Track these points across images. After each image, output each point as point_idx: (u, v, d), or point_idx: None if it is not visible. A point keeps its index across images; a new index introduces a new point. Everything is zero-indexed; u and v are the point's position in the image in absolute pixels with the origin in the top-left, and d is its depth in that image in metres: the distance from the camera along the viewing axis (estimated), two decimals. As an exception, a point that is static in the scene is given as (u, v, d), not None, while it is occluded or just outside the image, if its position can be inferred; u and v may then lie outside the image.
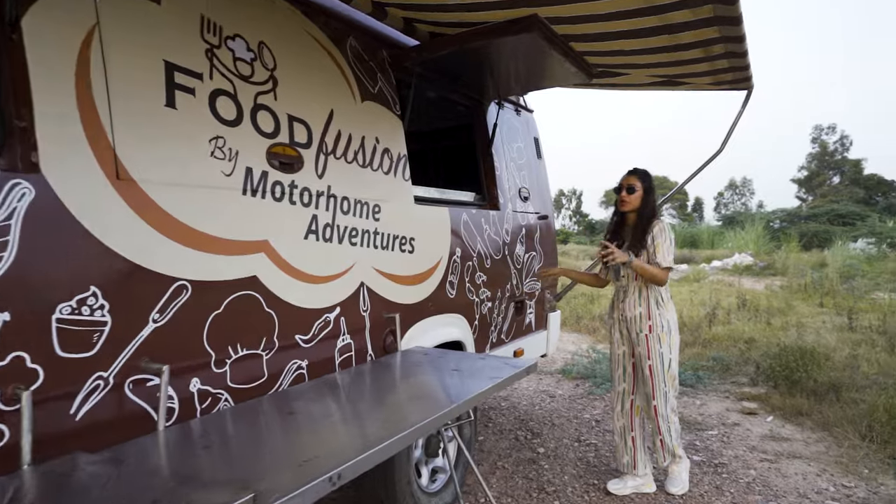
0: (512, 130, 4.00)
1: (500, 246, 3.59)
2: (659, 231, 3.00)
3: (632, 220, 3.12)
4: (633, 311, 3.08)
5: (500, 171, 3.72)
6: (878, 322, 6.53)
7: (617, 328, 3.20)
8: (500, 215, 3.62)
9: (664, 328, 3.06)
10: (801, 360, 4.60)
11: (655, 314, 3.05)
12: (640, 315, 3.06)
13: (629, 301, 3.10)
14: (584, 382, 5.61)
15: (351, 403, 2.03)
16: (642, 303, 3.07)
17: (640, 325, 3.07)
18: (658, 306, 3.08)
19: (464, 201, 3.33)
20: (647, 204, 3.08)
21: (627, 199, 3.07)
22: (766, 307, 8.15)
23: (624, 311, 3.13)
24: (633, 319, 3.09)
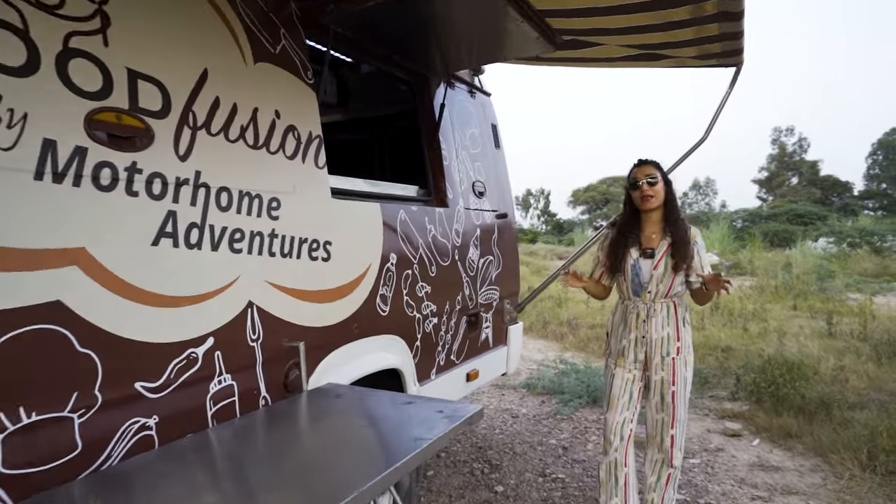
0: (465, 115, 3.42)
1: (449, 249, 3.00)
2: (699, 238, 2.61)
3: (654, 219, 2.63)
4: (660, 331, 2.56)
5: (450, 161, 3.13)
6: (858, 328, 6.19)
7: (632, 351, 2.63)
8: (449, 213, 3.04)
9: (689, 349, 2.62)
10: (788, 374, 4.15)
11: (683, 334, 2.59)
12: (669, 336, 2.56)
13: (656, 321, 2.58)
14: (551, 399, 5.08)
15: (222, 479, 1.42)
16: (671, 322, 2.57)
17: (668, 347, 2.56)
18: (684, 324, 2.61)
19: (402, 196, 2.73)
20: (672, 199, 2.61)
21: (652, 191, 2.56)
22: (741, 311, 7.78)
23: (648, 331, 2.58)
24: (660, 342, 2.57)
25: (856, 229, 22.29)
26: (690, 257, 2.53)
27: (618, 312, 2.76)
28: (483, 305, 3.40)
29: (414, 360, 2.69)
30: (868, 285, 10.45)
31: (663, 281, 2.55)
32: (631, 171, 2.68)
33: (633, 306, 2.65)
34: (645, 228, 2.67)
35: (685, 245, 2.53)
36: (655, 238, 2.62)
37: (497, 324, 3.62)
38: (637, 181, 2.59)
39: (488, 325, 3.50)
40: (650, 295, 2.60)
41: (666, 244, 2.58)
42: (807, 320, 7.32)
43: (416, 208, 2.73)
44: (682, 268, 2.53)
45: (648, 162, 2.64)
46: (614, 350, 2.74)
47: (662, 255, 2.58)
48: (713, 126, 3.14)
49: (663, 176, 2.62)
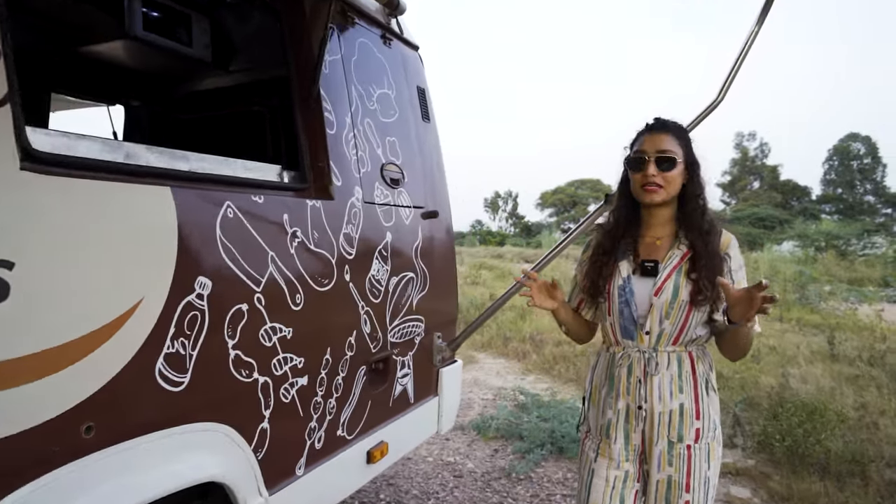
0: (371, 67, 2.35)
1: (333, 265, 1.92)
2: (739, 253, 1.63)
3: (662, 216, 1.65)
4: (667, 401, 1.57)
5: (339, 130, 2.05)
6: (861, 345, 5.34)
7: (621, 430, 1.63)
8: (335, 209, 1.96)
9: (715, 432, 1.61)
10: (808, 421, 3.19)
11: (706, 408, 1.59)
12: (682, 409, 1.57)
13: (660, 382, 1.58)
14: (506, 447, 4.03)
15: None
16: (685, 385, 1.58)
17: (680, 428, 1.57)
18: (708, 390, 1.61)
19: (231, 178, 1.62)
20: (695, 190, 1.62)
21: (662, 178, 1.57)
22: (722, 324, 6.89)
23: (648, 400, 1.59)
24: (667, 418, 1.58)
25: (821, 233, 22.11)
26: (714, 278, 1.50)
27: (600, 364, 1.74)
28: (397, 345, 2.32)
29: (256, 455, 1.59)
30: (850, 293, 9.78)
31: (672, 315, 1.55)
32: (636, 139, 1.66)
33: (622, 356, 1.63)
34: (646, 229, 1.67)
35: (712, 258, 1.53)
36: (661, 245, 1.62)
37: (422, 368, 2.54)
38: (642, 157, 1.58)
39: (406, 372, 2.42)
40: (649, 338, 1.58)
41: (679, 255, 1.59)
42: (798, 336, 6.46)
43: (261, 199, 1.63)
44: (707, 297, 1.51)
45: (665, 126, 1.62)
46: (594, 427, 1.72)
47: (671, 273, 1.58)
48: (732, 83, 2.14)
49: (686, 154, 1.61)
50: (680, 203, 1.63)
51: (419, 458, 3.91)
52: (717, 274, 1.50)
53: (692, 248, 1.57)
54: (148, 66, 2.78)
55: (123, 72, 2.71)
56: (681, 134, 1.63)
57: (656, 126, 1.63)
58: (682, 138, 1.62)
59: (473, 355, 7.02)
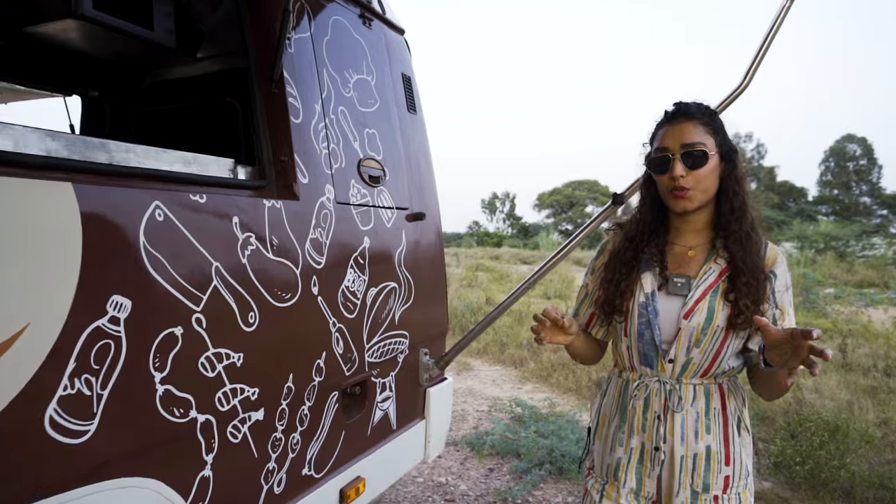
0: (348, 50, 2.07)
1: (297, 276, 1.63)
2: (785, 271, 1.34)
3: (696, 222, 1.37)
4: (694, 442, 1.31)
5: (307, 120, 1.76)
6: (878, 353, 5.07)
7: (632, 473, 1.37)
8: (300, 210, 1.67)
9: (747, 480, 1.35)
10: (830, 441, 2.92)
11: (737, 451, 1.33)
12: (710, 453, 1.31)
13: (683, 420, 1.32)
14: (502, 466, 3.75)
15: None
16: (714, 424, 1.32)
17: (707, 476, 1.31)
18: (739, 430, 1.35)
19: (163, 173, 1.32)
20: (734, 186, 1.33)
21: (692, 179, 1.28)
22: (727, 330, 6.62)
23: (669, 438, 1.32)
24: (691, 462, 1.31)
25: (820, 234, 21.91)
26: (761, 300, 1.26)
27: (610, 392, 1.47)
28: (376, 366, 2.04)
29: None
30: (855, 296, 9.52)
31: (703, 342, 1.30)
32: (655, 132, 1.37)
33: (638, 386, 1.38)
34: (677, 236, 1.39)
35: (756, 274, 1.26)
36: (695, 257, 1.35)
37: (406, 389, 2.26)
38: (666, 156, 1.29)
39: (388, 395, 2.13)
40: (672, 367, 1.33)
41: (717, 270, 1.32)
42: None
43: (203, 199, 1.34)
44: (747, 320, 1.25)
45: (689, 112, 1.32)
46: (599, 464, 1.44)
47: (706, 292, 1.31)
48: (759, 65, 1.87)
49: (721, 142, 1.31)
50: (717, 203, 1.34)
51: (408, 478, 3.63)
52: (761, 293, 1.26)
53: (732, 263, 1.29)
54: (104, 51, 2.49)
55: (77, 58, 2.43)
56: (710, 118, 1.33)
57: (678, 113, 1.32)
58: (713, 123, 1.32)
59: (469, 362, 6.74)
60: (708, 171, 1.27)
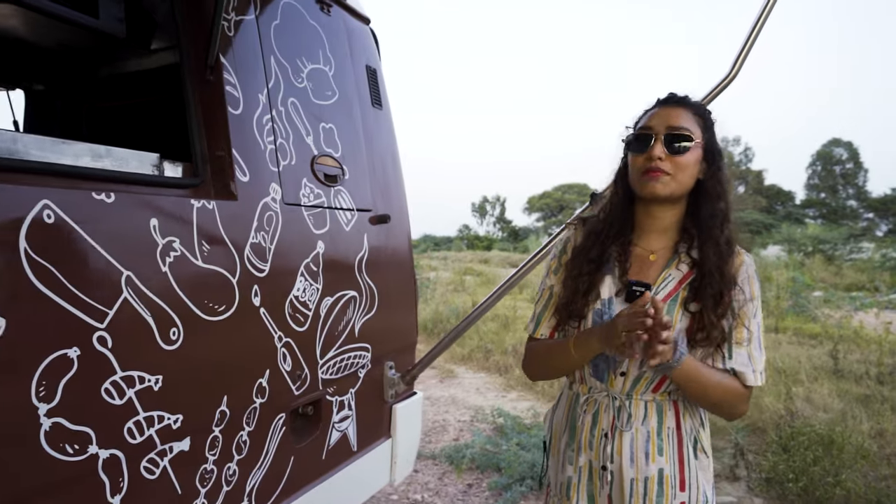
0: (302, 37, 1.89)
1: (231, 286, 1.45)
2: (749, 278, 1.21)
3: (665, 219, 1.26)
4: (644, 464, 1.20)
5: (248, 110, 1.59)
6: (870, 360, 4.94)
7: (583, 491, 1.27)
8: (238, 211, 1.49)
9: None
10: (825, 456, 2.77)
11: (693, 476, 1.21)
12: (662, 477, 1.20)
13: (632, 439, 1.22)
14: (482, 481, 3.57)
15: None
16: (666, 446, 1.21)
17: (660, 501, 1.20)
18: (698, 454, 1.23)
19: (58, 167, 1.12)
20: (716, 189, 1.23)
21: (671, 164, 1.19)
22: (716, 335, 6.48)
23: (617, 458, 1.22)
24: (642, 486, 1.20)
25: (808, 237, 21.98)
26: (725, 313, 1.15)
27: (561, 405, 1.39)
28: (332, 382, 1.86)
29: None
30: (844, 300, 9.44)
31: None
32: (642, 115, 1.27)
33: (587, 400, 1.29)
34: (640, 237, 1.28)
35: (727, 287, 1.15)
36: (656, 261, 1.25)
37: (369, 407, 2.08)
38: (648, 133, 1.20)
39: (347, 414, 1.95)
40: (623, 381, 1.23)
41: (677, 277, 1.22)
42: (797, 348, 6.07)
43: (111, 199, 1.16)
44: (710, 337, 1.15)
45: (683, 101, 1.24)
46: (554, 482, 1.34)
47: (664, 301, 1.21)
48: (747, 55, 1.71)
49: (707, 139, 1.22)
50: (693, 206, 1.22)
51: (382, 495, 3.44)
52: (727, 307, 1.14)
53: (698, 269, 1.18)
54: (47, 41, 2.31)
55: (17, 48, 2.25)
56: (702, 113, 1.24)
57: (671, 99, 1.25)
58: (704, 118, 1.23)
59: (452, 369, 6.57)
60: (689, 161, 1.18)
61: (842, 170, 48.26)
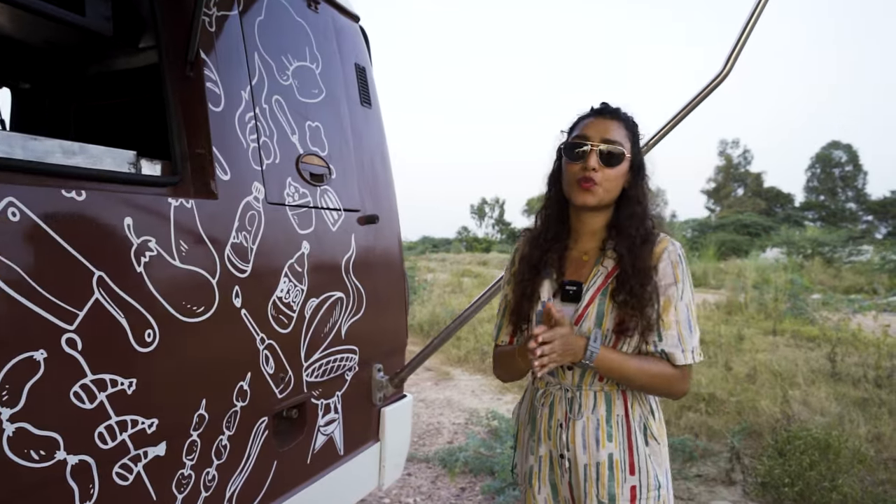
0: (287, 34, 1.86)
1: (211, 287, 1.42)
2: (671, 263, 1.28)
3: (594, 224, 1.35)
4: (596, 450, 1.28)
5: (230, 107, 1.55)
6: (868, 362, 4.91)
7: (545, 480, 1.36)
8: (219, 210, 1.46)
9: (658, 492, 1.28)
10: (821, 460, 2.73)
11: (643, 461, 1.28)
12: (612, 461, 1.28)
13: (584, 427, 1.30)
14: (475, 485, 3.53)
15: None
16: (615, 432, 1.29)
17: (612, 486, 1.27)
18: (647, 438, 1.30)
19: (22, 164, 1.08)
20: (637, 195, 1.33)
21: (601, 175, 1.27)
22: (714, 338, 6.46)
23: (572, 446, 1.30)
24: (594, 471, 1.28)
25: (807, 239, 21.97)
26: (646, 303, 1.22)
27: (525, 400, 1.50)
28: (318, 385, 1.83)
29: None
30: (843, 303, 9.41)
31: None
32: (577, 123, 1.36)
33: (543, 393, 1.39)
34: (575, 240, 1.38)
35: (642, 276, 1.23)
36: (588, 261, 1.34)
37: (356, 410, 2.05)
38: (583, 144, 1.28)
39: (333, 418, 1.92)
40: (572, 375, 1.32)
41: (604, 273, 1.31)
42: (795, 351, 6.04)
43: (82, 196, 1.13)
44: (635, 326, 1.24)
45: (617, 114, 1.33)
46: (520, 472, 1.48)
47: (594, 296, 1.30)
48: (739, 53, 1.68)
49: (634, 153, 1.32)
50: (616, 209, 1.33)
51: (374, 498, 3.41)
52: (646, 300, 1.22)
53: (620, 264, 1.27)
54: (33, 38, 2.28)
55: (2, 46, 2.22)
56: (631, 127, 1.33)
57: (606, 111, 1.33)
58: (633, 132, 1.33)
59: (449, 371, 6.53)
60: (618, 172, 1.27)
61: (841, 172, 48.28)
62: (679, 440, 3.54)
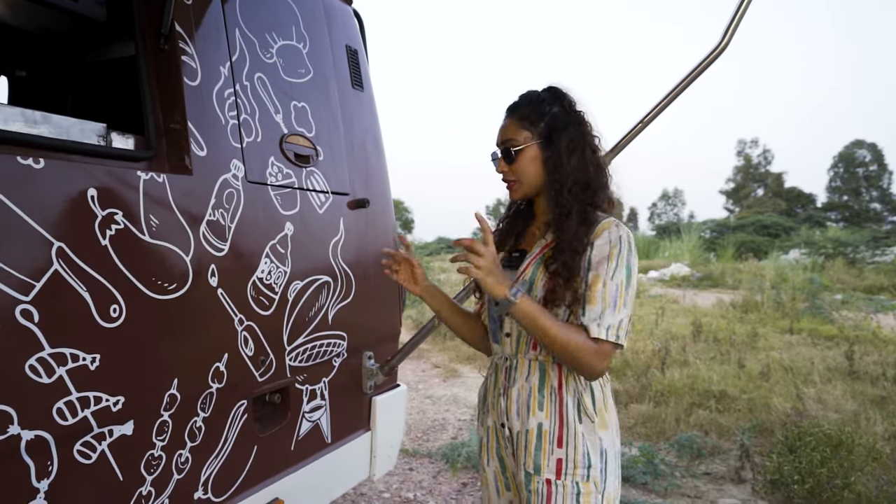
0: (272, 12, 1.82)
1: (185, 263, 1.38)
2: (608, 243, 1.24)
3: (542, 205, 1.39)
4: (527, 417, 1.29)
5: (207, 82, 1.52)
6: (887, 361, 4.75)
7: (493, 452, 1.38)
8: (193, 186, 1.42)
9: (588, 471, 1.24)
10: (833, 458, 2.63)
11: (572, 435, 1.25)
12: (541, 431, 1.26)
13: (518, 394, 1.31)
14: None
15: None
16: (547, 402, 1.27)
17: (538, 455, 1.26)
18: (582, 417, 1.26)
19: None
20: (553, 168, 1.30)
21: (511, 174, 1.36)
22: (728, 335, 6.31)
23: (507, 411, 1.33)
24: (524, 438, 1.28)
25: (829, 240, 21.53)
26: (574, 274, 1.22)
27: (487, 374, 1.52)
28: (302, 370, 1.78)
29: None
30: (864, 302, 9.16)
31: None
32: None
33: (492, 363, 1.45)
34: (536, 218, 1.44)
35: (569, 250, 1.23)
36: (539, 233, 1.39)
37: (345, 398, 2.00)
38: (495, 150, 1.38)
39: (319, 404, 1.88)
40: (510, 341, 1.35)
41: (542, 244, 1.34)
42: (812, 350, 5.88)
43: (40, 164, 1.09)
44: (560, 293, 1.23)
45: (511, 109, 1.37)
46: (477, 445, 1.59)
47: (531, 262, 1.34)
48: (738, 24, 1.60)
49: (544, 130, 1.30)
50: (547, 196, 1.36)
51: (374, 492, 3.37)
52: (573, 270, 1.22)
53: (556, 238, 1.28)
54: (26, 25, 2.28)
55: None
56: (533, 109, 1.32)
57: (506, 110, 1.37)
58: (535, 112, 1.31)
59: (456, 369, 6.47)
60: (524, 164, 1.30)
61: (865, 172, 47.25)
62: (687, 437, 3.44)
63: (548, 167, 1.29)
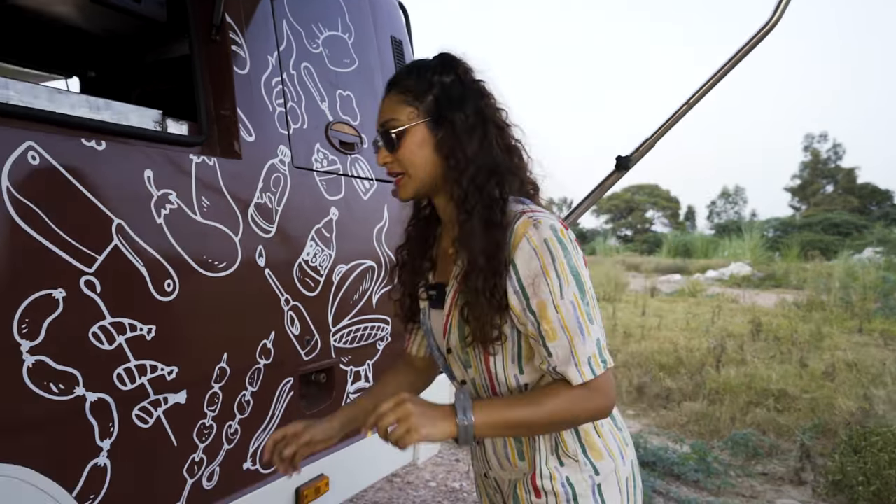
0: (318, 3, 1.88)
1: (234, 244, 1.44)
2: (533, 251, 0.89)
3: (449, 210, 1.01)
4: (508, 467, 1.04)
5: (256, 71, 1.58)
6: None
7: (485, 495, 1.14)
8: (242, 170, 1.49)
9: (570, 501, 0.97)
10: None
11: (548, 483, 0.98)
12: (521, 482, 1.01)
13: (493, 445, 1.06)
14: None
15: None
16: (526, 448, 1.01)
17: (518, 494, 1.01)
18: (562, 459, 0.98)
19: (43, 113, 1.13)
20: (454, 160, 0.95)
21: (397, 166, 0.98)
22: (789, 335, 6.03)
23: (487, 461, 1.08)
24: (511, 490, 1.04)
25: (906, 238, 20.19)
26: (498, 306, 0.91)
27: None
28: (347, 352, 1.83)
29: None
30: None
31: (471, 361, 1.01)
32: None
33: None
34: (445, 232, 1.08)
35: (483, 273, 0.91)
36: (452, 255, 1.01)
37: (388, 381, 2.03)
38: (376, 137, 1.00)
39: (364, 386, 1.92)
40: (467, 389, 1.05)
41: (459, 272, 0.97)
42: (883, 351, 5.53)
43: (102, 146, 1.17)
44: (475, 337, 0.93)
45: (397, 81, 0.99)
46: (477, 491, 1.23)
47: (453, 301, 1.00)
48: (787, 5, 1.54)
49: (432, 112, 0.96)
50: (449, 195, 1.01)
51: (420, 481, 3.41)
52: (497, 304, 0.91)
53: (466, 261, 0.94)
54: (95, 28, 2.43)
55: (69, 36, 2.37)
56: (418, 79, 0.97)
57: (386, 85, 1.02)
58: (419, 84, 0.97)
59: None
60: (410, 149, 0.96)
61: (947, 165, 44.04)
62: (742, 434, 3.32)
63: (441, 152, 0.96)
